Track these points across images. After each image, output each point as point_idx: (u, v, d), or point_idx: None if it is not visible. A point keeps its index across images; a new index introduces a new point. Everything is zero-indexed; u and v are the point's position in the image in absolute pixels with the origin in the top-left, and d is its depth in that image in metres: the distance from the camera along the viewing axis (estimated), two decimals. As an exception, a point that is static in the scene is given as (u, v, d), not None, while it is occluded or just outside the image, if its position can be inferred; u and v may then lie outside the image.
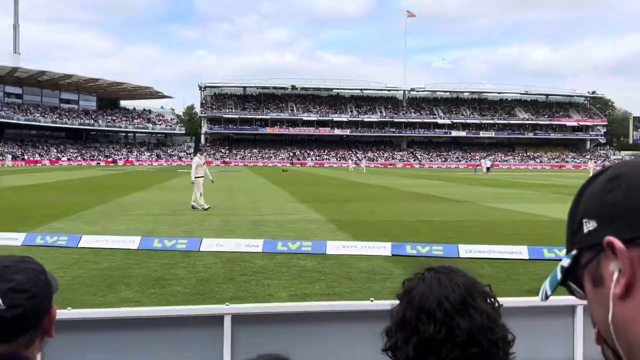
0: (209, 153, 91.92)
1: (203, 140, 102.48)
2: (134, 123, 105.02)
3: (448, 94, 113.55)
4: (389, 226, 14.22)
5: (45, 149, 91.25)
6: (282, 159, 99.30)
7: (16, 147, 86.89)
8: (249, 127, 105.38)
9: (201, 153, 19.77)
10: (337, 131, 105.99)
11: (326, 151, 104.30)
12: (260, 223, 14.60)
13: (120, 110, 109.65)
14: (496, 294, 1.27)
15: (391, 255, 9.93)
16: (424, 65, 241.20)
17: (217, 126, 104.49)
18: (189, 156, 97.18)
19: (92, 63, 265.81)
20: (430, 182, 38.68)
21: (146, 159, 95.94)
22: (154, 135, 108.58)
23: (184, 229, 13.27)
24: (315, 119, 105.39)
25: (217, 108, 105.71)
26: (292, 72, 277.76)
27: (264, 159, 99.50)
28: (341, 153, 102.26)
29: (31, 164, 78.19)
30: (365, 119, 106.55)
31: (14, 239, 10.90)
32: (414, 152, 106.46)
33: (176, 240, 10.81)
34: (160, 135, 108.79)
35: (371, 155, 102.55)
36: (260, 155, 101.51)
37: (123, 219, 15.28)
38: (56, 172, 49.72)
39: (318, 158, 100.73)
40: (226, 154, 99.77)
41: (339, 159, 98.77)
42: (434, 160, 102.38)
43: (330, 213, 17.01)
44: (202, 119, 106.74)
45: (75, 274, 8.33)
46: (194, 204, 17.68)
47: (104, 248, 10.38)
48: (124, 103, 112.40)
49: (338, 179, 42.65)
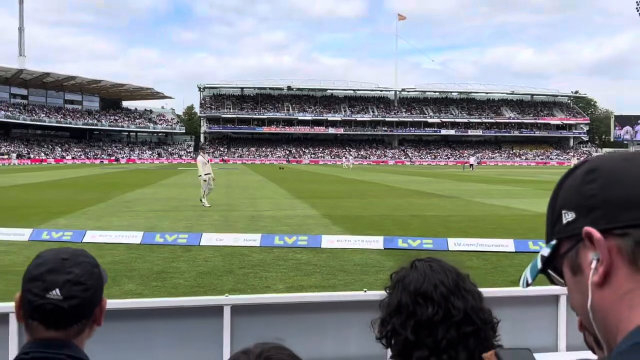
0: (207, 152, 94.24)
1: (202, 139, 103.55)
2: (135, 123, 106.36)
3: (438, 94, 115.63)
4: (381, 221, 14.40)
5: (50, 148, 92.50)
6: (279, 157, 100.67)
7: (22, 147, 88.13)
8: (247, 127, 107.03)
9: (204, 151, 19.77)
10: (332, 130, 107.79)
11: (321, 149, 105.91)
12: (257, 218, 14.74)
13: (122, 110, 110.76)
14: (484, 284, 1.38)
15: (383, 249, 10.10)
16: (414, 66, 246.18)
17: (216, 125, 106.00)
18: (189, 154, 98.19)
19: (95, 65, 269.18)
20: (421, 179, 38.61)
21: (148, 157, 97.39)
22: (155, 134, 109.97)
23: (184, 224, 13.40)
24: (310, 118, 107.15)
25: (216, 108, 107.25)
26: (290, 74, 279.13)
27: (261, 157, 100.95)
28: (335, 151, 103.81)
29: (36, 163, 78.99)
30: (358, 118, 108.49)
31: (21, 235, 11.02)
32: (405, 150, 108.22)
33: (177, 235, 10.92)
34: (161, 134, 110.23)
35: (364, 153, 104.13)
36: (257, 153, 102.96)
37: (125, 215, 15.41)
38: (61, 171, 49.68)
39: (313, 156, 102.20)
40: (224, 153, 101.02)
41: (334, 156, 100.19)
42: (424, 157, 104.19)
43: (325, 208, 17.23)
44: (202, 118, 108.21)
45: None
46: (203, 201, 17.74)
47: (108, 243, 10.51)
48: (126, 103, 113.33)
49: (332, 176, 42.60)
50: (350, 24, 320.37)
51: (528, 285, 0.80)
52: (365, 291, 3.15)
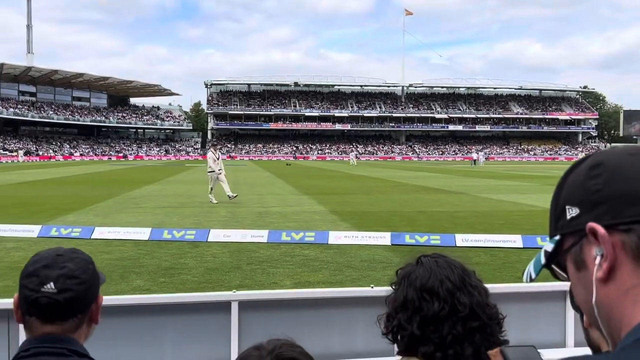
0: (218, 148, 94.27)
1: (210, 136, 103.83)
2: (143, 119, 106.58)
3: (445, 89, 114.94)
4: (389, 217, 14.43)
5: (59, 145, 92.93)
6: (286, 153, 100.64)
7: (31, 144, 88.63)
8: (254, 123, 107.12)
9: (215, 148, 19.64)
10: (338, 126, 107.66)
11: (328, 145, 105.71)
12: (265, 215, 14.80)
13: (130, 107, 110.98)
14: (492, 280, 1.53)
15: (390, 245, 10.09)
16: (421, 61, 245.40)
17: (223, 122, 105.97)
18: (197, 151, 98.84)
19: (102, 62, 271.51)
20: (428, 175, 38.63)
21: (155, 154, 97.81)
22: (163, 131, 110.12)
23: (192, 221, 13.46)
24: (317, 114, 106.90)
25: (223, 105, 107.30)
26: (297, 70, 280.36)
27: (268, 153, 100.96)
28: (342, 147, 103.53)
29: (45, 160, 79.47)
30: (365, 114, 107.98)
31: (30, 231, 11.07)
32: (413, 146, 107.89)
33: (185, 231, 10.95)
34: (169, 131, 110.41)
35: (371, 149, 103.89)
36: (264, 149, 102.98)
37: (133, 211, 15.52)
38: (69, 167, 50.00)
39: (320, 152, 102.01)
40: (232, 149, 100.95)
41: (341, 152, 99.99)
42: (431, 153, 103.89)
43: (332, 205, 17.28)
44: (209, 115, 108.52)
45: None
46: (229, 194, 17.84)
47: (116, 239, 10.54)
48: (134, 100, 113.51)
49: (340, 172, 42.67)
50: (358, 19, 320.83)
51: (532, 280, 0.80)
52: (372, 287, 3.15)
